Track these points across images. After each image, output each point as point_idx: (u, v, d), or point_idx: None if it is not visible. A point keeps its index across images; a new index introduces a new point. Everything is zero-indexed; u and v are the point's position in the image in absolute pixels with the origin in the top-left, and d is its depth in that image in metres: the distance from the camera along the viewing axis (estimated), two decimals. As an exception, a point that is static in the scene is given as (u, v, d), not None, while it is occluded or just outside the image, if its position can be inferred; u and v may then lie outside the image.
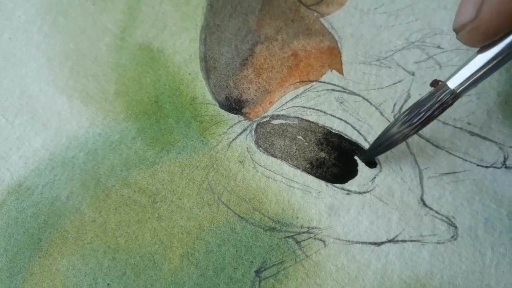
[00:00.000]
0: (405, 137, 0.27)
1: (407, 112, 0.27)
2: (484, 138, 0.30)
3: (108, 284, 0.28)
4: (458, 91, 0.26)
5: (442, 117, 0.30)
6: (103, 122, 0.32)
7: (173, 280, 0.28)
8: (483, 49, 0.25)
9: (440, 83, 0.27)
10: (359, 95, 0.32)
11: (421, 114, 0.27)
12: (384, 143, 0.28)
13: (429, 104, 0.26)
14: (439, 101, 0.26)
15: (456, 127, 0.31)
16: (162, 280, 0.28)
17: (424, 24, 0.34)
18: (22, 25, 0.35)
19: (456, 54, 0.32)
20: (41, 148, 0.31)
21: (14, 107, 0.33)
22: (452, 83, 0.26)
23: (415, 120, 0.27)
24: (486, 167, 0.30)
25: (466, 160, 0.30)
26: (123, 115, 0.32)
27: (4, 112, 0.32)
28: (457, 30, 0.25)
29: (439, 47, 0.33)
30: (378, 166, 0.30)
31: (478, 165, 0.30)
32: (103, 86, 0.33)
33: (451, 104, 0.26)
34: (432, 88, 0.27)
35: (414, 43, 0.33)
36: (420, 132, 0.30)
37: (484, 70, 0.25)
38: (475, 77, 0.25)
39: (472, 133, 0.31)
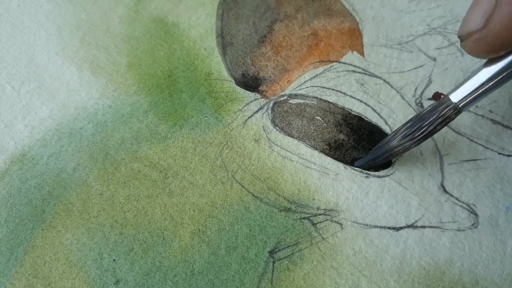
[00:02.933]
0: (405, 150, 0.27)
1: (408, 125, 0.27)
2: (506, 126, 0.30)
3: (114, 260, 0.27)
4: (460, 105, 0.25)
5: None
6: (113, 94, 0.31)
7: (183, 258, 0.27)
8: (488, 62, 0.24)
9: (442, 96, 0.26)
10: (380, 78, 0.31)
11: (423, 128, 0.26)
12: (384, 154, 0.28)
13: (431, 119, 0.26)
14: (441, 116, 0.25)
15: (477, 115, 0.30)
16: (172, 257, 0.27)
17: (445, 11, 0.33)
18: (32, -8, 0.34)
19: (478, 41, 0.32)
20: (47, 118, 0.30)
21: (20, 75, 0.31)
22: (455, 97, 0.25)
23: (417, 134, 0.26)
24: (508, 155, 0.29)
25: (487, 148, 0.29)
26: (135, 88, 0.31)
27: (10, 80, 0.31)
28: (462, 38, 0.24)
29: (461, 34, 0.32)
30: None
31: (499, 154, 0.29)
32: (115, 58, 0.32)
33: (453, 118, 0.26)
34: (434, 101, 0.27)
35: (435, 29, 0.32)
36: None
37: (488, 85, 0.24)
38: (478, 92, 0.24)
39: (494, 121, 0.30)
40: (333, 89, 0.31)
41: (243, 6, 0.33)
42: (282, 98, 0.30)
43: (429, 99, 0.30)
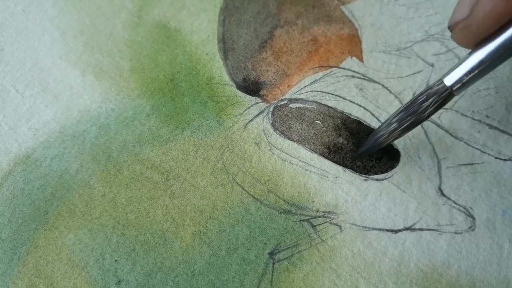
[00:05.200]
0: (401, 134, 0.27)
1: (403, 108, 0.27)
2: (503, 131, 0.30)
3: (116, 260, 0.27)
4: (454, 89, 0.25)
5: (460, 108, 0.30)
6: (116, 97, 0.31)
7: (184, 258, 0.27)
8: (476, 48, 0.25)
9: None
10: (378, 83, 0.31)
11: (418, 111, 0.26)
12: (380, 138, 0.28)
13: (425, 102, 0.26)
14: (435, 98, 0.26)
15: (474, 119, 0.30)
16: (173, 258, 0.27)
17: (443, 18, 0.34)
18: (37, -3, 0.34)
19: (475, 48, 0.32)
20: (51, 121, 0.30)
21: (25, 79, 0.32)
22: (448, 81, 0.25)
23: (412, 117, 0.26)
24: (505, 160, 0.30)
25: (484, 152, 0.30)
26: (138, 92, 0.31)
27: (15, 83, 0.32)
28: (451, 28, 0.25)
29: (458, 41, 0.33)
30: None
31: (496, 158, 0.30)
32: (118, 62, 0.32)
33: (447, 102, 0.26)
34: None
35: (433, 36, 0.33)
36: (439, 122, 0.30)
37: (479, 69, 0.24)
38: (470, 76, 0.25)
39: (491, 126, 0.30)
40: (332, 94, 0.31)
41: (244, 12, 0.33)
42: (282, 102, 0.31)
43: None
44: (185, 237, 0.27)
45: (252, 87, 0.31)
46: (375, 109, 0.31)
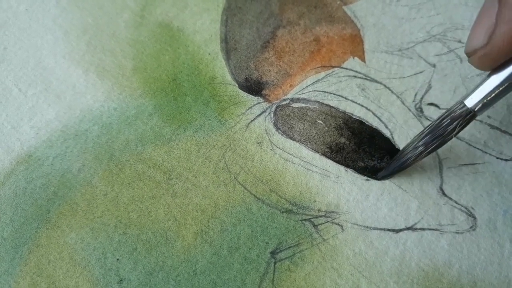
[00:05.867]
0: (423, 157, 0.27)
1: (426, 132, 0.27)
2: (504, 132, 0.30)
3: (117, 259, 0.27)
4: (476, 109, 0.25)
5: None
6: (119, 97, 0.31)
7: (185, 257, 0.27)
8: (496, 69, 0.25)
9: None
10: (380, 83, 0.31)
11: (442, 134, 0.26)
12: (403, 164, 0.28)
13: (448, 125, 0.26)
14: (457, 121, 0.26)
15: (476, 120, 0.31)
16: (175, 257, 0.27)
17: (445, 19, 0.34)
18: (40, -3, 0.34)
19: (477, 49, 0.32)
20: (53, 120, 0.31)
21: (27, 78, 0.32)
22: (469, 102, 0.26)
23: (435, 141, 0.27)
24: (506, 160, 0.30)
25: (485, 152, 0.30)
26: (140, 91, 0.31)
27: (17, 82, 0.32)
28: (469, 55, 0.26)
29: (460, 41, 0.33)
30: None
31: (497, 158, 0.30)
32: (120, 62, 0.32)
33: (469, 123, 0.26)
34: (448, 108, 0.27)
35: (435, 36, 0.33)
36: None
37: (500, 89, 0.25)
38: (491, 97, 0.25)
39: (492, 127, 0.30)
40: (334, 94, 0.31)
41: (247, 13, 0.34)
42: (284, 102, 0.31)
43: (428, 104, 0.31)
44: (187, 236, 0.28)
45: (254, 87, 0.31)
46: (377, 109, 0.31)
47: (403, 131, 0.30)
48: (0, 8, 0.34)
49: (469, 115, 0.26)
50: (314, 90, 0.31)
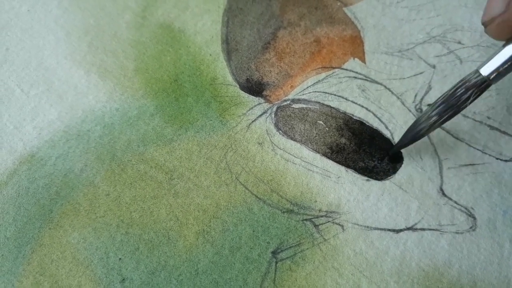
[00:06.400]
0: (441, 124, 0.28)
1: (441, 100, 0.27)
2: (504, 132, 0.31)
3: (120, 258, 0.27)
4: (491, 78, 0.26)
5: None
6: (121, 97, 0.31)
7: (187, 257, 0.27)
8: (510, 40, 0.26)
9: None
10: (381, 84, 0.32)
11: (457, 101, 0.27)
12: (422, 130, 0.28)
13: (463, 92, 0.26)
14: (474, 87, 0.26)
15: (476, 121, 0.31)
16: (177, 256, 0.27)
17: (445, 20, 0.34)
18: (42, -2, 0.35)
19: (477, 50, 0.33)
20: (56, 120, 0.31)
21: (30, 78, 0.32)
22: (484, 71, 0.26)
23: (450, 106, 0.27)
24: (505, 161, 0.30)
25: (485, 153, 0.30)
26: (142, 92, 0.32)
27: (20, 83, 0.32)
28: (486, 24, 0.26)
29: (459, 42, 0.33)
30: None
31: (497, 159, 0.30)
32: (122, 62, 0.33)
33: (482, 92, 0.26)
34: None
35: (435, 38, 0.33)
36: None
37: None
38: (506, 65, 0.25)
39: (492, 127, 0.31)
40: (335, 95, 0.31)
41: (248, 14, 0.34)
42: (285, 103, 0.31)
43: (428, 105, 0.31)
44: (189, 236, 0.28)
45: (255, 88, 0.32)
46: (377, 110, 0.31)
47: (403, 132, 0.30)
48: (2, 9, 0.34)
49: (484, 84, 0.26)
50: (315, 91, 0.31)
